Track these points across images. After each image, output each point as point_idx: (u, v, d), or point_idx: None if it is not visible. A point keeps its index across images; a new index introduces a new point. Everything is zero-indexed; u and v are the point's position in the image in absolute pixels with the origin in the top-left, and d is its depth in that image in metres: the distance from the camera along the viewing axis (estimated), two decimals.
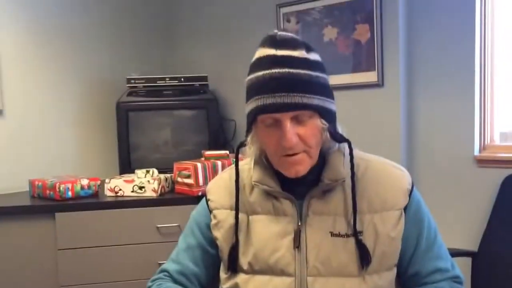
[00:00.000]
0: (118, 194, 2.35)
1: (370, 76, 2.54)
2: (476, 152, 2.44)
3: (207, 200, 1.21)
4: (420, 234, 1.12)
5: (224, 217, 1.15)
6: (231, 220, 1.13)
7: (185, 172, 2.34)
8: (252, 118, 1.04)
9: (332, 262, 1.05)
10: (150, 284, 1.18)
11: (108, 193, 2.36)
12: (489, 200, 2.36)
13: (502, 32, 2.41)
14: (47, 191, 2.28)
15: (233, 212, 1.13)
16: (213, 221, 1.16)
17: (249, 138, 1.09)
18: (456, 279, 1.13)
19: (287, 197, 1.09)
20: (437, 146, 2.53)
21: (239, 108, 3.08)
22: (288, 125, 0.99)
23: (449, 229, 2.35)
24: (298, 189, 1.08)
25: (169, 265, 1.21)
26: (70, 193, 2.27)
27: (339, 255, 1.05)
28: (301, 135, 1.01)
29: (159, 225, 2.24)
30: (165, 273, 1.19)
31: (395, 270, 1.11)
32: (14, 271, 2.20)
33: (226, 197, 1.16)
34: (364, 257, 1.05)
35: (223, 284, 1.14)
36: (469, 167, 2.45)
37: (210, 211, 1.18)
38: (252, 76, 1.03)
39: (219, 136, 2.95)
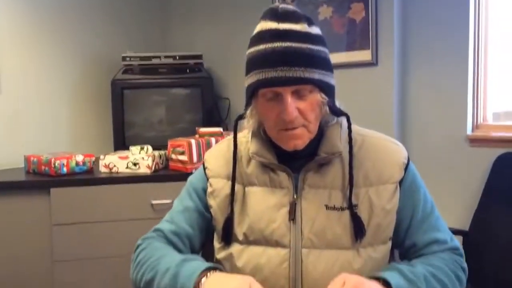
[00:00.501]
0: (113, 170, 2.36)
1: (364, 55, 2.54)
2: (469, 131, 2.45)
3: (204, 168, 1.21)
4: (416, 206, 1.12)
5: (220, 186, 1.15)
6: (227, 190, 1.14)
7: (179, 149, 2.35)
8: (252, 91, 1.04)
9: (326, 234, 1.06)
10: (140, 242, 1.18)
11: (102, 169, 2.37)
12: (481, 180, 2.38)
13: (496, 12, 2.41)
14: (42, 167, 2.29)
15: (230, 182, 1.13)
16: (209, 189, 1.17)
17: (248, 111, 1.09)
18: (455, 251, 1.12)
19: (283, 170, 1.10)
20: (430, 125, 2.54)
21: (234, 87, 3.09)
22: (289, 99, 1.00)
23: (441, 208, 2.35)
24: (294, 162, 1.09)
25: (163, 225, 1.20)
26: (65, 169, 2.28)
27: (333, 227, 1.06)
28: (301, 110, 1.01)
29: (153, 202, 2.26)
30: (159, 233, 1.18)
31: (389, 243, 1.12)
32: (9, 246, 2.22)
33: (223, 167, 1.17)
34: (358, 229, 1.06)
35: (217, 254, 1.16)
36: (462, 147, 2.46)
37: (207, 179, 1.19)
38: (253, 49, 1.03)
39: (213, 114, 2.96)
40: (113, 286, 2.27)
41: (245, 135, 1.19)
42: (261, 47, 1.01)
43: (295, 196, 1.08)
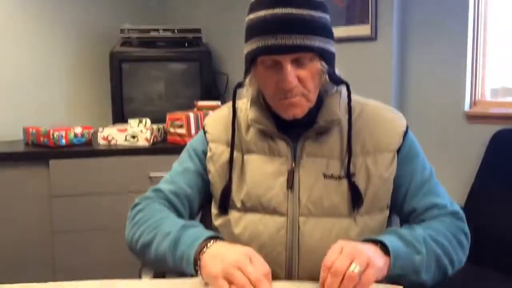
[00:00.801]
0: (111, 142, 2.37)
1: (364, 30, 2.52)
2: (467, 107, 2.45)
3: (204, 132, 1.20)
4: (414, 172, 1.11)
5: (219, 151, 1.15)
6: (226, 156, 1.13)
7: (178, 122, 2.35)
8: (252, 59, 1.02)
9: (324, 202, 1.06)
10: (138, 201, 1.17)
11: (101, 141, 2.38)
12: (477, 156, 2.39)
13: None
14: (41, 138, 2.30)
15: (229, 149, 1.13)
16: (209, 153, 1.16)
17: (247, 79, 1.08)
18: (456, 215, 1.11)
19: (282, 138, 1.10)
20: (428, 101, 2.54)
21: (232, 62, 3.07)
22: (289, 68, 0.98)
23: None
24: (293, 130, 1.09)
25: (162, 185, 1.19)
26: (63, 141, 2.28)
27: (331, 196, 1.06)
28: (301, 78, 1.01)
29: (151, 174, 2.27)
30: (158, 193, 1.17)
31: (386, 212, 1.12)
32: (9, 217, 2.24)
33: (222, 133, 1.16)
34: (356, 198, 1.06)
35: (214, 221, 1.16)
36: (459, 123, 2.46)
37: (207, 143, 1.18)
38: (252, 15, 1.02)
39: (212, 89, 2.95)
40: (112, 256, 2.29)
41: (244, 103, 1.18)
42: (261, 13, 0.99)
43: (293, 165, 1.08)
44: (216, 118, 1.21)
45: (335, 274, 0.83)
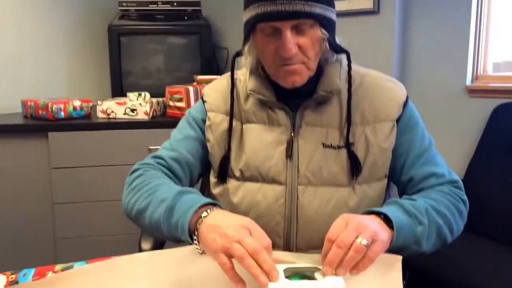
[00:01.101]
0: (110, 116, 2.36)
1: (366, 3, 2.49)
2: (468, 82, 2.44)
3: (203, 101, 1.19)
4: (413, 141, 1.11)
5: (218, 121, 1.14)
6: (225, 125, 1.12)
7: (177, 96, 2.34)
8: (251, 26, 1.00)
9: (322, 172, 1.05)
10: (137, 167, 1.13)
11: (100, 115, 2.36)
12: (478, 131, 2.38)
13: None
14: (40, 111, 2.28)
15: (228, 118, 1.12)
16: (208, 122, 1.15)
17: (246, 48, 1.06)
18: (454, 183, 1.10)
19: (281, 108, 1.08)
20: (430, 76, 2.52)
21: (232, 36, 3.05)
22: (288, 35, 0.96)
23: None
24: (293, 100, 1.08)
25: (162, 152, 1.17)
26: (62, 114, 2.27)
27: (330, 165, 1.06)
28: (301, 45, 0.99)
29: (151, 147, 2.27)
30: (158, 160, 1.15)
31: (385, 181, 1.12)
32: (9, 189, 2.25)
33: (221, 102, 1.15)
34: (354, 167, 1.06)
35: (212, 189, 1.15)
36: (461, 97, 2.45)
37: (206, 112, 1.17)
38: None
39: (212, 64, 2.93)
40: (112, 228, 2.31)
41: (243, 74, 1.17)
42: None
43: (292, 134, 1.08)
44: (215, 87, 1.20)
45: (340, 245, 0.80)
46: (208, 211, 0.89)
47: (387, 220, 0.91)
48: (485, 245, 2.06)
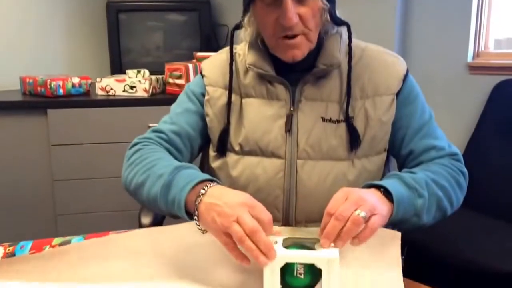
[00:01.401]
0: (109, 93, 2.35)
1: None
2: (470, 59, 2.43)
3: (202, 76, 1.18)
4: (413, 114, 1.10)
5: (217, 95, 1.13)
6: (224, 100, 1.12)
7: (176, 73, 2.33)
8: None
9: (322, 146, 1.05)
10: (137, 141, 1.13)
11: (99, 92, 2.35)
12: (478, 108, 2.38)
13: None
14: (38, 88, 2.27)
15: (227, 92, 1.11)
16: (206, 97, 1.15)
17: (245, 19, 1.05)
18: (454, 156, 1.09)
19: (281, 82, 1.08)
20: (431, 52, 2.51)
21: (232, 14, 3.01)
22: (289, 3, 0.95)
23: None
24: (292, 74, 1.07)
25: (162, 126, 1.16)
26: (61, 91, 2.26)
27: (329, 139, 1.05)
28: (301, 15, 0.97)
29: (150, 125, 2.26)
30: (158, 133, 1.14)
31: (384, 155, 1.11)
32: (9, 166, 2.25)
33: (220, 76, 1.14)
34: (353, 140, 1.05)
35: (212, 162, 1.15)
36: (462, 74, 2.44)
37: (205, 86, 1.16)
38: None
39: (211, 41, 2.90)
40: (112, 204, 2.32)
41: (242, 48, 1.15)
42: None
43: (292, 108, 1.07)
44: (214, 61, 1.19)
45: (338, 218, 0.80)
46: (206, 188, 0.88)
47: (387, 193, 0.91)
48: (484, 221, 2.08)
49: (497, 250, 1.82)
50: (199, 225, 0.87)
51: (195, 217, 0.87)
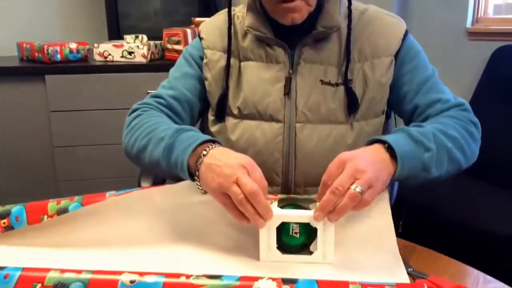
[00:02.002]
0: (108, 59, 2.34)
1: None
2: (469, 24, 2.41)
3: (200, 38, 1.16)
4: (416, 69, 1.08)
5: (215, 58, 1.12)
6: (223, 63, 1.10)
7: (175, 38, 2.31)
8: None
9: (320, 109, 1.05)
10: (136, 106, 1.12)
11: (97, 57, 2.34)
12: (477, 74, 2.38)
13: None
14: (36, 54, 2.26)
15: (225, 55, 1.10)
16: (205, 60, 1.13)
17: None
18: (461, 106, 1.05)
19: (280, 45, 1.06)
20: (430, 18, 2.49)
21: None
22: None
23: None
24: (291, 37, 1.06)
25: (161, 91, 1.14)
26: (59, 56, 2.25)
27: (328, 102, 1.05)
28: None
29: (149, 91, 2.25)
30: (157, 99, 1.12)
31: (382, 117, 1.11)
32: (9, 133, 2.26)
33: (218, 39, 1.13)
34: (352, 104, 1.05)
35: (210, 127, 1.15)
36: (460, 40, 2.43)
37: (203, 49, 1.14)
38: None
39: (210, 6, 2.86)
40: (112, 170, 2.35)
41: (240, 10, 1.14)
42: None
43: (290, 72, 1.06)
44: (212, 24, 1.17)
45: (335, 192, 0.78)
46: (207, 149, 0.88)
47: (391, 149, 0.87)
48: (482, 188, 2.09)
49: (495, 214, 1.85)
50: (199, 186, 0.87)
51: (196, 178, 0.87)
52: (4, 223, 0.87)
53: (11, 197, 2.27)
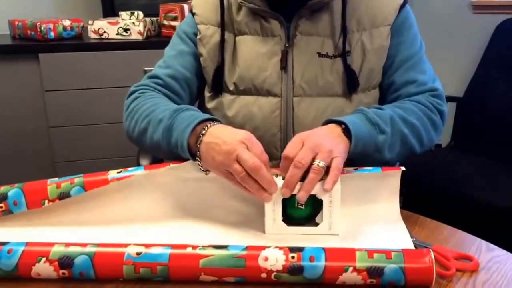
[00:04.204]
0: (103, 36, 2.28)
1: None
2: None
3: (193, 14, 1.13)
4: (402, 44, 1.06)
5: (209, 33, 1.09)
6: (217, 37, 1.08)
7: (171, 14, 2.26)
8: None
9: (318, 82, 1.03)
10: (134, 88, 1.09)
11: (92, 35, 2.29)
12: (480, 48, 2.35)
13: None
14: (28, 31, 2.20)
15: (219, 30, 1.07)
16: (199, 35, 1.11)
17: None
18: (433, 92, 1.06)
19: (275, 17, 1.04)
20: None
21: None
22: None
23: (438, 75, 2.37)
24: (286, 9, 1.03)
25: (157, 71, 1.12)
26: (52, 34, 2.19)
27: (325, 75, 1.03)
28: None
29: (146, 69, 2.22)
30: (154, 79, 1.10)
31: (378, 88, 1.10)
32: (3, 113, 2.21)
33: (212, 13, 1.10)
34: (350, 80, 1.03)
35: (207, 103, 1.13)
36: (465, 13, 2.40)
37: (196, 24, 1.12)
38: None
39: None
40: (109, 150, 2.31)
41: None
42: None
43: (286, 45, 1.03)
44: None
45: (297, 166, 0.78)
46: (206, 128, 0.87)
47: (347, 129, 0.89)
48: (484, 161, 2.09)
49: (494, 186, 1.85)
50: (201, 166, 0.87)
51: (197, 158, 0.86)
52: (1, 207, 0.84)
53: (5, 179, 2.23)
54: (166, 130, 0.92)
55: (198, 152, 0.85)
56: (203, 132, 0.86)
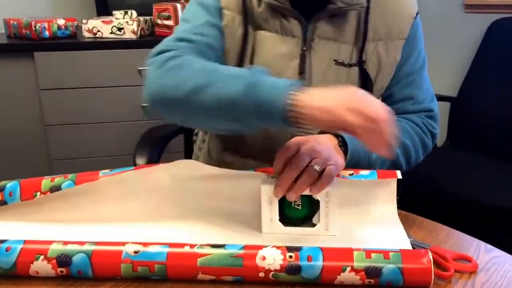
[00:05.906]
0: (97, 35, 2.28)
1: None
2: None
3: None
4: (407, 58, 1.06)
5: (235, 24, 1.01)
6: (241, 31, 1.01)
7: (165, 13, 2.26)
8: None
9: None
10: (163, 48, 0.91)
11: (86, 34, 2.28)
12: (473, 47, 2.36)
13: None
14: (23, 31, 2.20)
15: (242, 20, 1.00)
16: (224, 21, 1.01)
17: None
18: (429, 113, 1.07)
19: (295, 17, 1.00)
20: None
21: None
22: None
23: (432, 74, 2.38)
24: (306, 10, 1.00)
25: (188, 35, 0.95)
26: (47, 33, 2.19)
27: (342, 85, 1.02)
28: None
29: (140, 68, 2.21)
30: (188, 43, 0.94)
31: None
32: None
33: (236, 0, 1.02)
34: (366, 86, 1.02)
35: None
36: (457, 13, 2.41)
37: (221, 7, 1.01)
38: None
39: None
40: (105, 149, 2.30)
41: None
42: None
43: (304, 48, 1.01)
44: None
45: (293, 168, 0.76)
46: (303, 91, 0.73)
47: (343, 142, 0.88)
48: (480, 161, 2.10)
49: (490, 186, 1.85)
50: (300, 126, 0.74)
51: (293, 121, 0.73)
52: None
53: (1, 178, 2.22)
54: (250, 85, 0.76)
55: (301, 112, 0.71)
56: (300, 97, 0.72)
